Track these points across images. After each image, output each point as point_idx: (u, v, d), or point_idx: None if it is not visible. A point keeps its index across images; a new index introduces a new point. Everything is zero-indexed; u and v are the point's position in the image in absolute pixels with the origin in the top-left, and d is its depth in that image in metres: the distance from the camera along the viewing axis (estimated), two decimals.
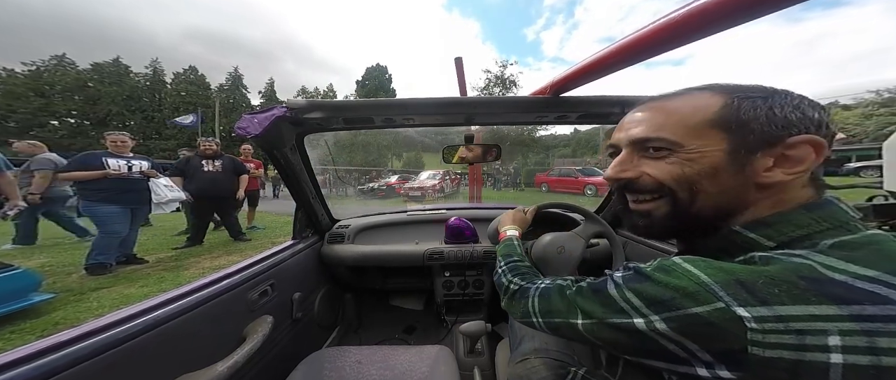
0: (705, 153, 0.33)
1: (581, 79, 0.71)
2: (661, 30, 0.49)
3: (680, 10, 0.45)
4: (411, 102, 0.82)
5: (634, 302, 0.31)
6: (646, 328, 0.29)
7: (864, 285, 0.24)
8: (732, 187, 0.33)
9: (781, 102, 0.31)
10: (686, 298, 0.28)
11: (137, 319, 0.55)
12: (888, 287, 0.24)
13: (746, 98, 0.33)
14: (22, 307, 2.00)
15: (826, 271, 0.25)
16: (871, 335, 0.22)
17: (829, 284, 0.25)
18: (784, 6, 0.38)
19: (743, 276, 0.27)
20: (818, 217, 0.30)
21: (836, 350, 0.22)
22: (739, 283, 0.26)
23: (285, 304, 1.02)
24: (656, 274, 0.31)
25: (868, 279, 0.24)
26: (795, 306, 0.24)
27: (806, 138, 0.30)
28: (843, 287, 0.24)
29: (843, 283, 0.24)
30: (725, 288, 0.26)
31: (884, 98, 39.58)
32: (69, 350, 0.45)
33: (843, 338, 0.22)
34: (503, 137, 16.84)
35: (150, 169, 3.01)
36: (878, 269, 0.25)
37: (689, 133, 0.34)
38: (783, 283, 0.25)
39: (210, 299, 0.69)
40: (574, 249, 0.97)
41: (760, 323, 0.24)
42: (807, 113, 0.31)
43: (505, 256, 0.69)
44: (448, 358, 0.88)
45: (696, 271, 0.28)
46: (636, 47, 0.54)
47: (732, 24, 0.43)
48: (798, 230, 0.30)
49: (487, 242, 1.33)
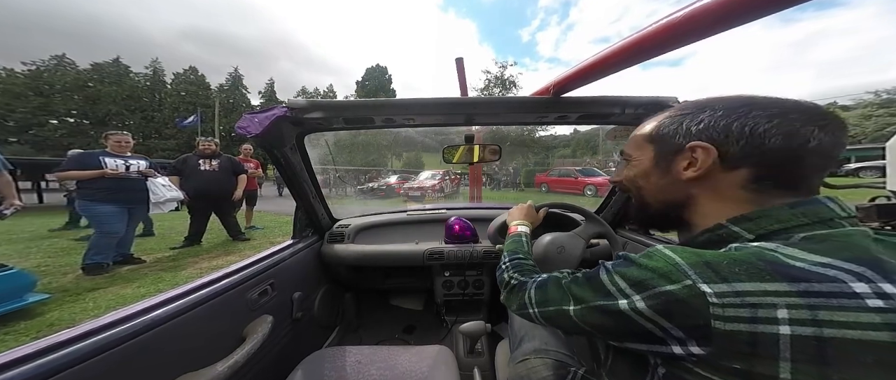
0: (641, 161, 0.44)
1: (582, 79, 0.71)
2: (660, 31, 0.49)
3: (679, 12, 0.45)
4: (412, 102, 0.82)
5: (620, 284, 0.34)
6: (628, 308, 0.32)
7: (816, 268, 0.27)
8: (666, 184, 0.42)
9: (691, 118, 0.39)
10: (661, 277, 0.31)
11: (137, 318, 0.55)
12: (836, 269, 0.27)
13: (668, 117, 0.42)
14: (17, 308, 1.99)
15: (786, 259, 0.28)
16: (814, 309, 0.25)
17: (786, 267, 0.28)
18: (781, 8, 0.38)
19: (711, 258, 0.30)
20: (799, 213, 0.32)
21: (784, 322, 0.25)
22: (707, 263, 0.30)
23: (285, 303, 1.02)
24: (641, 259, 0.35)
25: (821, 265, 0.27)
26: (751, 282, 0.27)
27: (694, 144, 0.37)
28: (797, 270, 0.27)
29: (801, 268, 0.27)
30: (694, 268, 0.30)
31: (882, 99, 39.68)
32: (69, 350, 0.45)
33: (790, 311, 0.25)
34: (503, 138, 16.85)
35: (147, 168, 3.01)
36: (832, 256, 0.28)
37: (636, 147, 0.46)
38: (744, 263, 0.28)
39: (210, 298, 0.69)
40: (574, 249, 0.97)
41: (720, 298, 0.27)
42: (712, 124, 0.37)
43: (511, 252, 0.68)
44: (448, 358, 0.88)
45: (672, 255, 0.32)
46: (636, 48, 0.54)
47: (730, 25, 0.43)
48: (776, 224, 0.33)
49: (487, 243, 1.32)
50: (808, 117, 0.33)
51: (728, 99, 0.38)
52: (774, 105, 0.35)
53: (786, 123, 0.34)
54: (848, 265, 0.27)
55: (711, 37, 0.46)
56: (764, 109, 0.35)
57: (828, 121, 0.33)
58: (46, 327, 1.91)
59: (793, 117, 0.34)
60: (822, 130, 0.33)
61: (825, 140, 0.33)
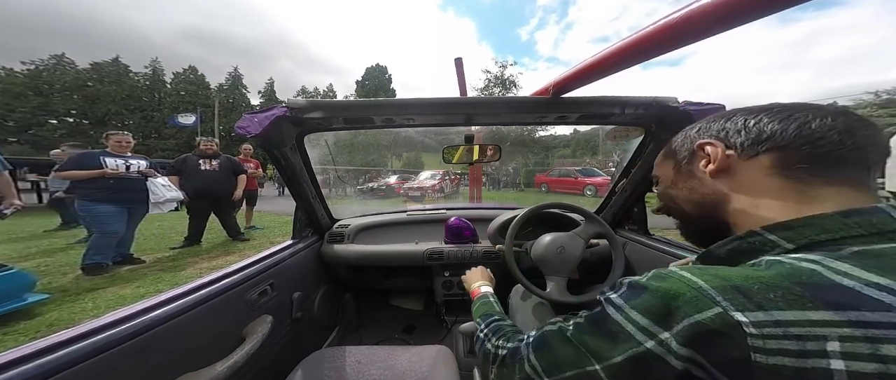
0: (666, 175, 0.47)
1: (581, 80, 0.71)
2: (659, 32, 0.49)
3: (678, 13, 0.46)
4: (411, 102, 0.82)
5: (640, 321, 0.29)
6: (659, 350, 0.28)
7: (870, 291, 0.24)
8: (693, 185, 0.42)
9: (694, 129, 0.44)
10: (687, 305, 0.27)
11: (137, 318, 0.55)
12: (891, 293, 0.23)
13: (681, 134, 0.46)
14: (16, 308, 1.99)
15: (833, 276, 0.25)
16: (874, 342, 0.22)
17: (830, 289, 0.24)
18: (780, 9, 0.38)
19: (738, 281, 0.27)
20: (853, 222, 0.29)
21: (836, 356, 0.22)
22: (736, 288, 0.26)
23: (285, 303, 1.02)
24: (652, 283, 0.31)
25: (876, 286, 0.24)
26: (792, 310, 0.24)
27: (702, 142, 0.40)
28: (846, 293, 0.24)
29: (849, 289, 0.24)
30: (722, 292, 0.26)
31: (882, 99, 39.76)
32: (68, 350, 0.45)
33: (843, 344, 0.22)
34: (503, 138, 16.84)
35: (147, 168, 3.00)
36: (889, 276, 0.24)
37: (659, 167, 0.49)
38: (778, 288, 0.25)
39: (209, 298, 0.69)
40: (574, 249, 0.97)
41: (759, 328, 0.24)
42: (707, 128, 0.41)
43: (484, 316, 0.63)
44: (448, 358, 0.88)
45: (691, 277, 0.28)
46: (635, 49, 0.54)
47: (729, 26, 0.43)
48: (824, 234, 0.29)
49: (487, 242, 1.33)
50: (794, 108, 0.35)
51: (713, 116, 0.43)
52: (755, 108, 0.38)
53: (772, 113, 0.36)
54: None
55: (711, 37, 0.46)
56: (747, 111, 0.39)
57: (817, 110, 0.33)
58: (46, 327, 1.91)
59: (777, 109, 0.36)
60: (816, 116, 0.32)
61: (829, 124, 0.32)
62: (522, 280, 0.97)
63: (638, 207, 1.22)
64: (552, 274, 0.96)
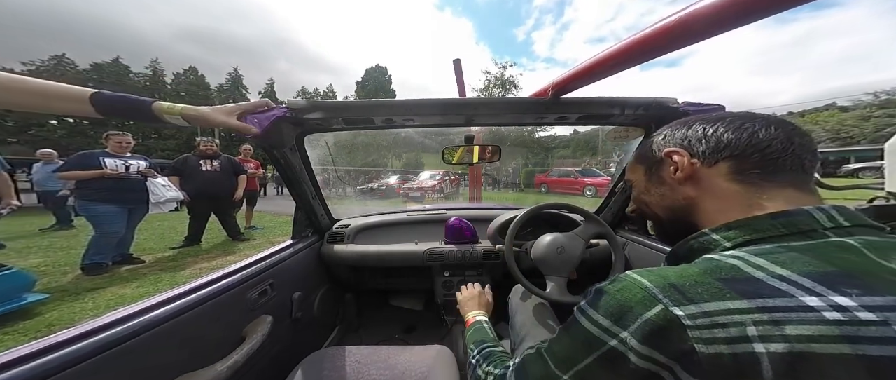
0: (638, 180, 0.50)
1: (581, 80, 0.71)
2: (658, 34, 0.49)
3: (677, 15, 0.46)
4: (411, 102, 0.82)
5: (602, 322, 0.32)
6: (621, 347, 0.30)
7: (772, 281, 0.27)
8: (664, 191, 0.45)
9: (660, 136, 0.46)
10: (638, 305, 0.30)
11: (137, 318, 0.55)
12: (788, 282, 0.27)
13: (646, 141, 0.49)
14: (15, 308, 1.99)
15: (748, 269, 0.29)
16: (778, 324, 0.25)
17: (743, 281, 0.28)
18: (780, 10, 0.39)
19: (674, 279, 0.30)
20: (779, 223, 0.33)
21: (756, 340, 0.25)
22: (672, 286, 0.29)
23: (285, 303, 1.02)
24: (610, 288, 0.33)
25: (778, 277, 0.27)
26: (714, 301, 0.27)
27: (669, 151, 0.43)
28: (755, 283, 0.27)
29: (758, 280, 0.28)
30: (663, 291, 0.29)
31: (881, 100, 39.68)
32: (68, 350, 0.45)
33: (758, 328, 0.25)
34: (503, 138, 16.85)
35: (147, 168, 3.01)
36: (789, 268, 0.28)
37: (631, 172, 0.52)
38: (703, 283, 0.29)
39: (209, 298, 0.69)
40: (574, 249, 0.97)
41: (693, 320, 0.27)
42: (671, 135, 0.44)
43: (477, 343, 0.63)
44: (448, 358, 0.88)
45: (641, 279, 0.31)
46: (635, 50, 0.54)
47: (729, 28, 0.43)
48: (754, 234, 0.33)
49: (487, 243, 1.33)
50: (744, 118, 0.39)
51: (674, 123, 0.46)
52: (711, 116, 0.42)
53: (726, 123, 0.39)
54: (800, 279, 0.27)
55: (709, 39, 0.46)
56: (704, 120, 0.42)
57: (763, 120, 0.38)
58: (45, 326, 1.91)
59: (729, 119, 0.40)
60: (762, 126, 0.37)
61: (773, 133, 0.36)
62: (522, 280, 0.97)
63: None
64: (552, 274, 0.96)
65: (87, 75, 33.06)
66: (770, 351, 0.24)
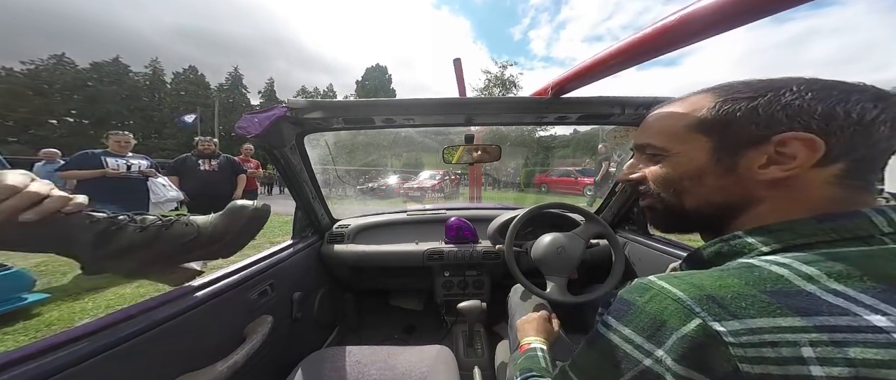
0: (690, 157, 0.35)
1: (580, 80, 0.71)
2: (657, 33, 0.49)
3: (676, 15, 0.46)
4: (411, 102, 0.82)
5: (634, 339, 0.29)
6: (658, 368, 0.27)
7: (828, 296, 0.24)
8: (724, 186, 0.33)
9: (771, 100, 0.30)
10: (672, 318, 0.26)
11: (136, 318, 0.55)
12: (847, 299, 0.23)
13: (730, 99, 0.32)
14: (15, 308, 1.99)
15: (798, 281, 0.25)
16: (841, 346, 0.22)
17: (795, 295, 0.24)
18: (778, 10, 0.38)
19: (712, 290, 0.26)
20: (827, 228, 0.28)
21: (813, 362, 0.22)
22: (711, 298, 0.26)
23: (285, 304, 1.02)
24: (636, 297, 0.30)
25: (833, 292, 0.24)
26: (762, 318, 0.24)
27: (791, 135, 0.29)
28: (808, 299, 0.24)
29: (811, 294, 0.24)
30: (700, 303, 0.26)
31: None
32: (68, 350, 0.45)
33: (815, 349, 0.22)
34: (503, 138, 16.83)
35: (148, 168, 3.00)
36: (845, 282, 0.24)
37: (674, 138, 0.36)
38: (748, 296, 0.25)
39: (209, 298, 0.69)
40: (574, 249, 0.97)
41: (737, 337, 0.24)
42: (806, 107, 0.29)
43: (524, 370, 0.57)
44: (448, 358, 0.88)
45: (671, 288, 0.28)
46: (634, 50, 0.54)
47: (727, 27, 0.43)
48: (800, 239, 0.28)
49: (487, 243, 1.33)
50: (881, 96, 0.28)
51: (801, 79, 0.30)
52: (867, 88, 0.29)
53: (891, 107, 0.28)
54: (858, 295, 0.23)
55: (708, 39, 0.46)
56: (860, 91, 0.29)
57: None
58: (45, 326, 1.91)
59: (871, 93, 0.29)
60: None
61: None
62: (522, 280, 0.97)
63: (638, 207, 1.22)
64: (552, 274, 0.96)
65: (87, 75, 33.04)
66: (831, 376, 0.21)
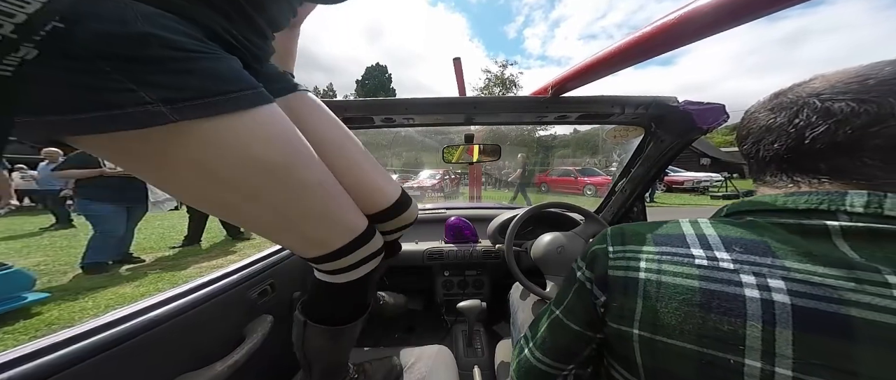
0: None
1: (580, 79, 0.71)
2: (656, 33, 0.49)
3: (676, 13, 0.46)
4: (411, 101, 0.82)
5: (579, 262, 0.43)
6: (582, 277, 0.40)
7: (690, 238, 0.34)
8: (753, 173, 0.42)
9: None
10: (597, 243, 0.41)
11: (135, 318, 0.54)
12: (699, 240, 0.33)
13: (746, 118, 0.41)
14: (15, 307, 1.99)
15: (687, 229, 0.35)
16: (661, 262, 0.33)
17: (668, 237, 0.35)
18: (777, 9, 0.38)
19: (628, 230, 0.39)
20: (746, 202, 0.37)
21: (641, 270, 0.34)
22: (622, 234, 0.39)
23: (285, 303, 1.02)
24: (593, 240, 0.43)
25: (700, 236, 0.33)
26: (634, 245, 0.36)
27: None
28: (674, 239, 0.34)
29: (682, 236, 0.34)
30: (613, 236, 0.39)
31: None
32: (68, 350, 0.45)
33: (647, 262, 0.34)
34: (503, 137, 16.83)
35: None
36: (720, 232, 0.33)
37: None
38: (641, 235, 0.37)
39: (209, 298, 0.69)
40: (574, 248, 0.97)
41: (615, 253, 0.37)
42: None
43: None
44: (448, 358, 0.88)
45: (608, 230, 0.42)
46: (633, 49, 0.54)
47: (726, 27, 0.43)
48: (736, 208, 0.37)
49: (487, 242, 1.33)
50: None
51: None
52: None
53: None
54: (713, 239, 0.32)
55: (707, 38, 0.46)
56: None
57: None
58: (45, 326, 1.91)
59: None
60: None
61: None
62: (522, 280, 0.97)
63: (638, 207, 1.22)
64: (552, 273, 0.96)
65: None
66: (644, 278, 0.34)
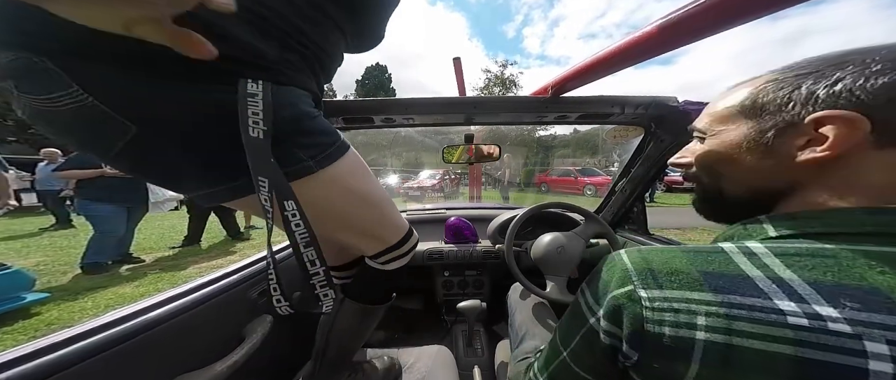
0: (725, 137, 0.34)
1: (580, 79, 0.71)
2: (657, 32, 0.49)
3: (676, 13, 0.46)
4: (411, 101, 0.82)
5: (589, 300, 0.34)
6: (596, 325, 0.32)
7: (763, 282, 0.25)
8: (766, 167, 0.31)
9: (823, 74, 0.27)
10: (614, 282, 0.31)
11: (136, 318, 0.54)
12: (780, 286, 0.25)
13: (777, 80, 0.30)
14: (14, 307, 1.99)
15: (746, 267, 0.27)
16: (732, 318, 0.25)
17: (726, 277, 0.27)
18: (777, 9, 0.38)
19: (656, 265, 0.30)
20: (872, 221, 0.25)
21: (700, 329, 0.25)
22: (650, 271, 0.30)
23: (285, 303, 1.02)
24: (602, 268, 0.34)
25: (775, 279, 0.25)
26: (680, 290, 0.28)
27: (824, 114, 0.26)
28: (735, 280, 0.26)
29: (746, 278, 0.26)
30: (639, 274, 0.30)
31: None
32: (68, 350, 0.45)
33: (708, 318, 0.25)
34: (503, 137, 16.84)
35: None
36: (800, 274, 0.25)
37: (717, 120, 0.35)
38: (682, 273, 0.28)
39: (209, 298, 0.69)
40: (574, 248, 0.97)
41: (652, 302, 0.28)
42: (862, 82, 0.25)
43: None
44: (448, 358, 0.88)
45: (626, 261, 0.32)
46: (634, 49, 0.54)
47: (726, 26, 0.43)
48: (818, 227, 0.27)
49: (487, 242, 1.32)
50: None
51: (886, 47, 0.26)
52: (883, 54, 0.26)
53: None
54: (800, 285, 0.24)
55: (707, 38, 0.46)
56: (853, 66, 0.26)
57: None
58: (44, 326, 1.91)
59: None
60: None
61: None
62: (522, 280, 0.97)
63: (638, 207, 1.22)
64: (552, 274, 0.96)
65: None
66: (704, 340, 0.25)
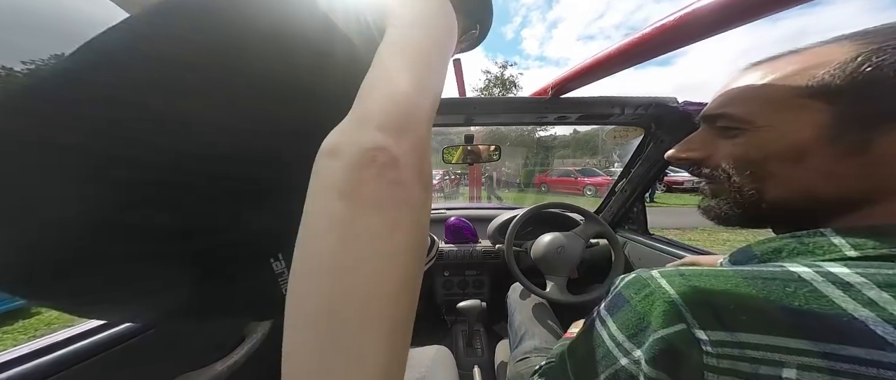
0: (785, 131, 0.26)
1: (580, 80, 0.71)
2: (657, 33, 0.49)
3: (676, 14, 0.46)
4: None
5: (618, 337, 0.27)
6: (633, 368, 0.25)
7: (874, 325, 0.19)
8: (839, 173, 0.25)
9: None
10: (657, 319, 0.24)
11: None
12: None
13: (879, 50, 0.23)
14: (15, 307, 1.98)
15: (846, 304, 0.20)
16: (837, 373, 0.19)
17: (823, 317, 0.20)
18: (778, 10, 0.39)
19: (716, 296, 0.23)
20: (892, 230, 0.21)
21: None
22: (707, 304, 0.23)
23: None
24: (631, 294, 0.27)
25: (887, 320, 0.19)
26: (759, 334, 0.21)
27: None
28: (836, 322, 0.20)
29: (852, 319, 0.19)
30: (691, 309, 0.23)
31: None
32: (67, 350, 0.45)
33: (801, 372, 0.19)
34: (503, 138, 16.86)
35: None
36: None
37: (767, 106, 0.27)
38: (757, 311, 0.21)
39: None
40: (574, 248, 0.97)
41: (716, 347, 0.21)
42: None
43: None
44: (448, 358, 0.88)
45: (669, 288, 0.25)
46: (634, 50, 0.55)
47: (726, 27, 0.43)
48: (870, 245, 0.22)
49: (487, 242, 1.33)
50: None
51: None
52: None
53: None
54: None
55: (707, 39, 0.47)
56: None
57: None
58: (44, 326, 1.91)
59: None
60: None
61: None
62: (522, 280, 0.97)
63: (638, 207, 1.22)
64: (552, 274, 0.96)
65: None
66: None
